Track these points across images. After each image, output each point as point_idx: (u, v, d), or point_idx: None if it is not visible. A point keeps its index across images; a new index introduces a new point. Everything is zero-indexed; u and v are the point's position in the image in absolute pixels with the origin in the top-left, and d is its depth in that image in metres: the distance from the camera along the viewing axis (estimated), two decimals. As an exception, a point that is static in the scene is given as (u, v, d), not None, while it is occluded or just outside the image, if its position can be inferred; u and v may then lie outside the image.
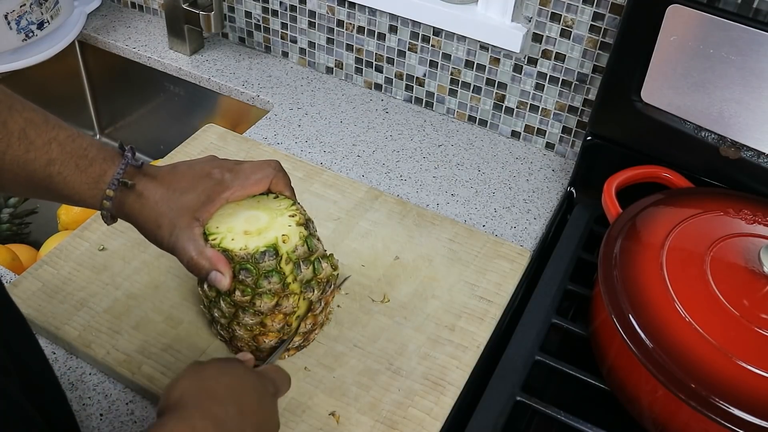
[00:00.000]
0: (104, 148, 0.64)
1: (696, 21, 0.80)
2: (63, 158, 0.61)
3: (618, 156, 0.93)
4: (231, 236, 0.66)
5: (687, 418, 0.67)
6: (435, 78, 1.12)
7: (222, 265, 0.64)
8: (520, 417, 0.75)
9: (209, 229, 0.67)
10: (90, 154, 0.63)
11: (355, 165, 1.04)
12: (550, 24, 0.99)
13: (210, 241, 0.66)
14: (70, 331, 0.76)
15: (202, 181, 0.66)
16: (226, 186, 0.67)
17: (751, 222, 0.79)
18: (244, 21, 1.24)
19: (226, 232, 0.67)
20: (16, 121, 0.60)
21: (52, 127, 0.62)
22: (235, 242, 0.66)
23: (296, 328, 0.72)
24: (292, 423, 0.70)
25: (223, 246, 0.65)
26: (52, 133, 0.61)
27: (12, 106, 0.61)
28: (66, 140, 0.62)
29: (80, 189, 0.63)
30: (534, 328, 0.81)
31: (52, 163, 0.61)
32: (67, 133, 0.63)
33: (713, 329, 0.68)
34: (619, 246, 0.77)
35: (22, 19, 1.13)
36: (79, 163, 0.62)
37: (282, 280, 0.67)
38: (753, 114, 0.82)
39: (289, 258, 0.67)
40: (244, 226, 0.67)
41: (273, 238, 0.66)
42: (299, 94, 1.17)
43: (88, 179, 0.63)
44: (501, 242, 0.90)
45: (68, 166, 0.62)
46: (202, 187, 0.66)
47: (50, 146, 0.61)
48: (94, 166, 0.63)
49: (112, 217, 0.65)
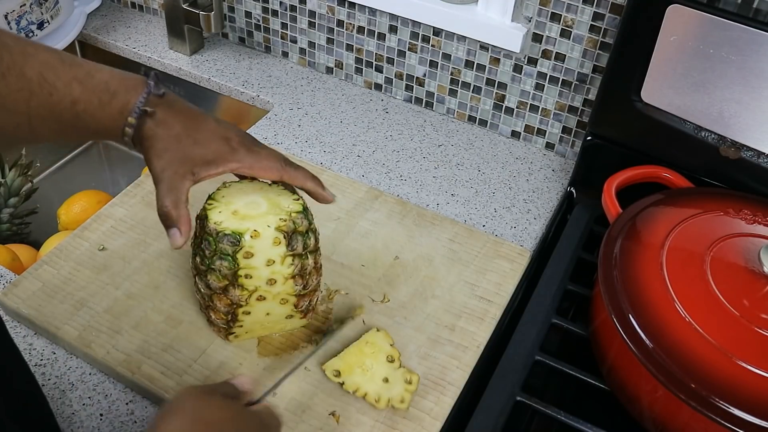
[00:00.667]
0: (126, 77, 0.64)
1: (696, 21, 0.80)
2: (86, 96, 0.62)
3: (618, 156, 0.93)
4: (221, 209, 0.68)
5: (687, 418, 0.67)
6: (435, 78, 1.12)
7: (185, 226, 0.64)
8: (520, 417, 0.75)
9: (214, 196, 0.70)
10: (111, 86, 0.63)
11: (355, 165, 1.04)
12: (550, 24, 0.99)
13: (206, 204, 0.69)
14: (70, 331, 0.76)
15: (217, 141, 0.66)
16: (238, 158, 0.67)
17: (751, 222, 0.79)
18: (244, 21, 1.24)
19: (222, 205, 0.69)
20: (33, 67, 0.60)
21: (69, 66, 0.62)
22: (219, 216, 0.68)
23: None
24: (292, 423, 0.70)
25: (208, 214, 0.68)
26: (71, 73, 0.61)
27: (25, 52, 0.61)
28: (86, 77, 0.62)
29: (106, 122, 0.63)
30: (534, 328, 0.81)
31: (77, 103, 0.61)
32: (86, 69, 0.63)
33: (713, 329, 0.68)
34: (619, 246, 0.77)
35: (22, 19, 1.13)
36: (102, 97, 0.62)
37: (233, 269, 0.68)
38: (753, 114, 0.82)
39: (249, 253, 0.67)
40: (240, 207, 0.69)
41: (245, 228, 0.67)
42: (299, 94, 1.17)
43: (112, 112, 0.63)
44: (501, 242, 0.90)
45: (92, 103, 0.62)
46: (214, 147, 0.66)
47: (72, 86, 0.61)
48: (118, 98, 0.63)
49: (134, 143, 0.65)
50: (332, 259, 0.86)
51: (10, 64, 0.59)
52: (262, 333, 0.76)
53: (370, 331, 0.77)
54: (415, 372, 0.74)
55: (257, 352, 0.76)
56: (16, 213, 1.15)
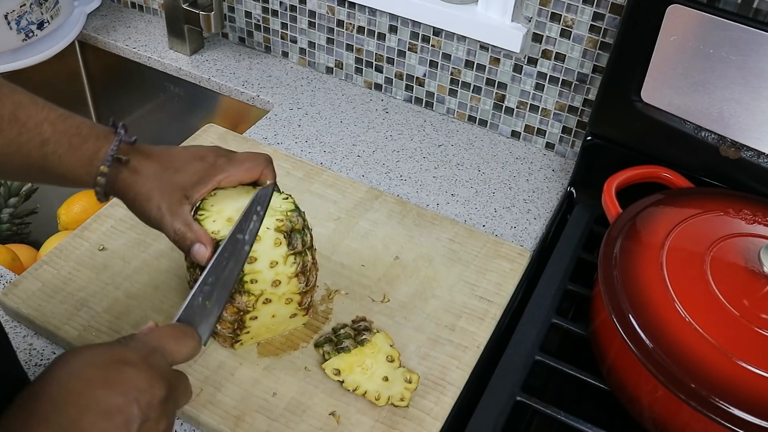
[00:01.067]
0: (96, 126, 0.65)
1: (696, 21, 0.80)
2: (56, 138, 0.61)
3: (618, 156, 0.93)
4: (214, 218, 0.68)
5: (687, 418, 0.67)
6: (435, 78, 1.12)
7: (205, 239, 0.65)
8: (520, 417, 0.75)
9: (204, 206, 0.69)
10: (83, 132, 0.63)
11: (355, 165, 1.04)
12: (550, 24, 0.99)
13: (197, 216, 0.68)
14: (70, 331, 0.76)
15: (195, 163, 0.68)
16: (220, 169, 0.68)
17: (751, 222, 0.79)
18: (244, 21, 1.24)
19: (214, 213, 0.68)
20: (5, 105, 0.60)
21: (41, 107, 0.62)
22: (214, 225, 0.67)
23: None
24: (292, 423, 0.70)
25: (203, 224, 0.67)
26: (42, 114, 0.62)
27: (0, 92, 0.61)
28: (57, 120, 0.62)
29: (75, 167, 0.63)
30: (534, 328, 0.81)
31: (46, 143, 0.61)
32: (58, 113, 0.63)
33: (713, 329, 0.68)
34: (619, 246, 0.77)
35: (22, 19, 1.13)
36: (72, 141, 0.62)
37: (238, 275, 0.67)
38: (753, 114, 0.82)
39: (252, 258, 0.67)
40: (233, 213, 0.68)
41: (261, 234, 0.67)
42: (299, 94, 1.17)
43: (82, 157, 0.63)
44: (501, 242, 0.90)
45: (62, 145, 0.62)
46: (195, 168, 0.67)
47: (42, 127, 0.61)
48: (88, 144, 0.63)
49: (105, 194, 0.65)
50: (332, 259, 0.86)
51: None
52: (266, 336, 0.76)
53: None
54: (414, 371, 0.74)
55: (257, 352, 0.76)
56: (16, 213, 1.15)
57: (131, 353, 0.49)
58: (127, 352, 0.49)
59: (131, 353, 0.49)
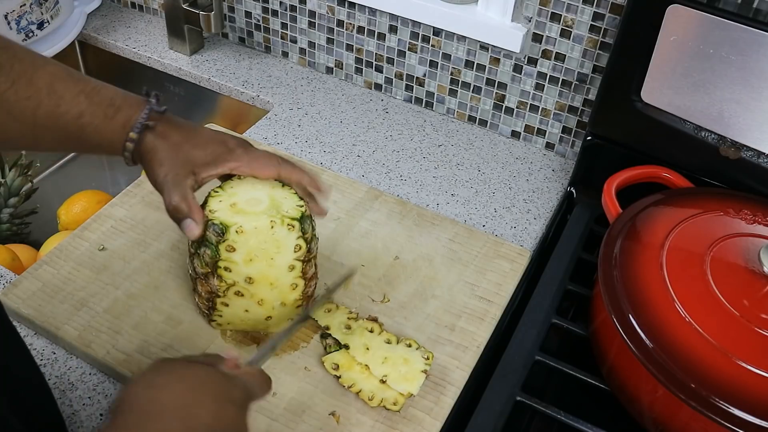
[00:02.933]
0: (129, 95, 0.67)
1: (696, 21, 0.80)
2: (92, 109, 0.64)
3: (618, 156, 0.93)
4: (222, 199, 0.70)
5: (687, 418, 0.67)
6: (435, 78, 1.12)
7: (198, 215, 0.67)
8: (520, 417, 0.75)
9: (223, 185, 0.71)
10: (116, 102, 0.65)
11: (355, 165, 1.04)
12: (550, 24, 0.99)
13: (211, 191, 0.70)
14: (70, 331, 0.76)
15: (215, 145, 0.69)
16: (236, 157, 0.70)
17: (751, 222, 0.79)
18: (244, 21, 1.24)
19: (225, 195, 0.70)
20: (42, 77, 0.62)
21: (76, 80, 0.64)
22: (217, 204, 0.69)
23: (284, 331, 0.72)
24: (292, 423, 0.70)
25: (208, 201, 0.70)
26: (78, 86, 0.64)
27: (35, 63, 0.63)
28: (92, 91, 0.64)
29: (110, 136, 0.65)
30: (534, 328, 0.81)
31: (83, 115, 0.64)
32: (92, 85, 0.65)
33: (713, 329, 0.68)
34: (619, 246, 0.77)
35: (22, 19, 1.13)
36: (107, 112, 0.65)
37: (214, 258, 0.69)
38: (753, 114, 0.82)
39: (231, 247, 0.68)
40: (240, 201, 0.70)
41: (233, 222, 0.68)
42: (299, 94, 1.17)
43: (116, 126, 0.65)
44: (501, 242, 0.90)
45: (97, 116, 0.64)
46: (212, 149, 0.69)
47: (79, 98, 0.63)
48: (121, 113, 0.65)
49: (133, 159, 0.67)
50: (332, 259, 0.86)
51: (20, 72, 0.61)
52: (243, 328, 0.77)
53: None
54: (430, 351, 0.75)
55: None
56: (16, 213, 1.15)
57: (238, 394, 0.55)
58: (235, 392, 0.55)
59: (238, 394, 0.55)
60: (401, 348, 0.75)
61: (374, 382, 0.72)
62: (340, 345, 0.75)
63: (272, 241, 0.69)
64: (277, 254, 0.70)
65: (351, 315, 0.78)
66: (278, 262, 0.70)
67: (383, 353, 0.74)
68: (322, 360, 0.74)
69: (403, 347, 0.75)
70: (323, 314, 0.78)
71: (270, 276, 0.70)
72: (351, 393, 0.72)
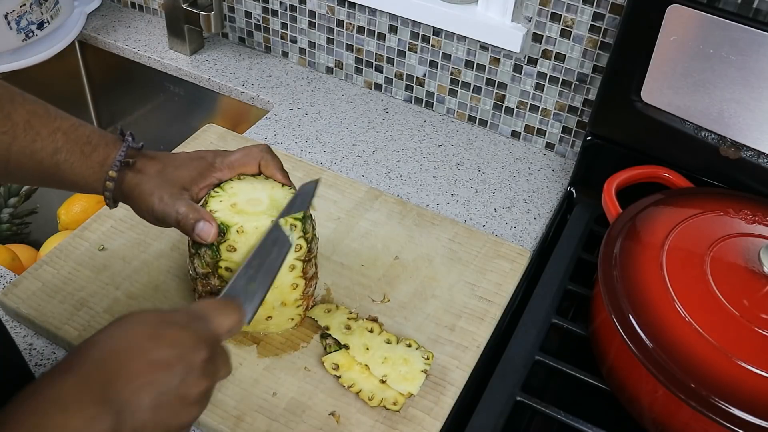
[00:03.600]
0: (105, 134, 0.68)
1: (696, 21, 0.80)
2: (68, 146, 0.64)
3: (618, 156, 0.93)
4: (222, 199, 0.70)
5: (687, 418, 0.67)
6: (435, 78, 1.12)
7: (208, 217, 0.67)
8: (520, 417, 0.75)
9: (223, 186, 0.71)
10: (93, 140, 0.66)
11: (355, 165, 1.04)
12: (550, 24, 0.99)
13: (212, 191, 0.71)
14: (70, 331, 0.76)
15: (194, 162, 0.71)
16: (217, 168, 0.71)
17: (751, 222, 0.79)
18: (244, 21, 1.24)
19: (226, 195, 0.71)
20: (20, 113, 0.63)
21: (54, 117, 0.65)
22: (218, 205, 0.70)
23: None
24: (292, 423, 0.70)
25: (208, 201, 0.70)
26: (56, 123, 0.64)
27: (14, 99, 0.63)
28: (69, 129, 0.65)
29: (86, 174, 0.65)
30: (534, 328, 0.81)
31: (59, 152, 0.64)
32: (70, 122, 0.65)
33: (713, 329, 0.68)
34: (619, 246, 0.77)
35: (22, 19, 1.13)
36: (84, 149, 0.65)
37: (215, 258, 0.69)
38: (753, 114, 0.82)
39: (232, 247, 0.68)
40: (241, 201, 0.70)
41: (234, 222, 0.68)
42: (299, 94, 1.17)
43: (92, 164, 0.65)
44: (501, 242, 0.90)
45: (74, 153, 0.64)
46: (194, 165, 0.70)
47: (55, 135, 0.64)
48: (98, 151, 0.66)
49: (114, 199, 0.68)
50: (332, 259, 0.86)
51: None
52: (243, 328, 0.76)
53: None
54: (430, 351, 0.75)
55: (257, 352, 0.76)
56: (16, 213, 1.15)
57: (178, 316, 0.52)
58: (174, 315, 0.52)
59: (178, 316, 0.52)
60: (401, 348, 0.75)
61: (374, 382, 0.72)
62: (340, 345, 0.75)
63: None
64: None
65: (351, 315, 0.78)
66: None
67: (383, 353, 0.74)
68: (322, 360, 0.74)
69: (403, 347, 0.75)
70: (323, 314, 0.78)
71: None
72: (351, 393, 0.72)
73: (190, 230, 0.67)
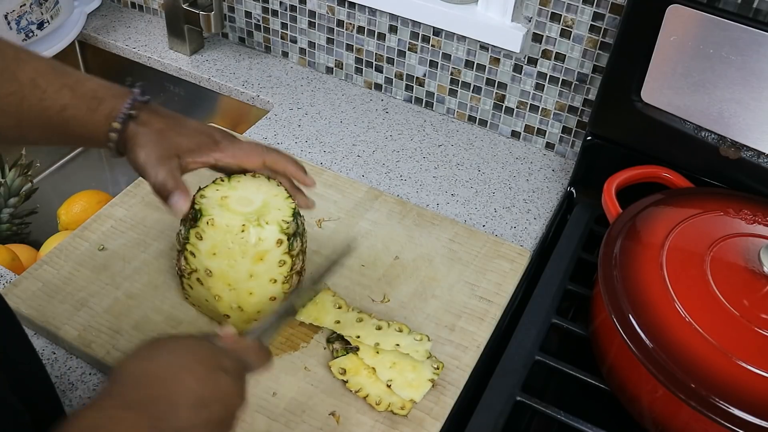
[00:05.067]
0: (113, 86, 0.67)
1: (696, 21, 0.80)
2: (75, 102, 0.64)
3: (618, 156, 0.93)
4: (219, 188, 0.71)
5: (687, 418, 0.67)
6: (435, 78, 1.12)
7: (184, 190, 0.66)
8: (520, 417, 0.75)
9: (229, 177, 0.72)
10: (99, 94, 0.66)
11: (355, 165, 1.04)
12: (550, 24, 0.99)
13: (217, 179, 0.72)
14: (70, 331, 0.76)
15: (199, 135, 0.70)
16: (220, 148, 0.71)
17: (751, 222, 0.79)
18: (244, 21, 1.24)
19: (224, 187, 0.71)
20: (26, 72, 0.63)
21: (60, 73, 0.65)
22: (212, 192, 0.70)
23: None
24: (292, 423, 0.70)
25: (207, 186, 0.71)
26: (62, 80, 0.64)
27: (18, 57, 0.63)
28: (76, 84, 0.65)
29: (92, 128, 0.66)
30: (534, 328, 0.81)
31: (66, 108, 0.64)
32: (76, 78, 0.65)
33: (713, 329, 0.68)
34: (619, 246, 0.77)
35: (22, 19, 1.13)
36: (90, 104, 0.65)
37: (185, 239, 0.70)
38: (753, 114, 0.82)
39: (199, 235, 0.69)
40: (233, 196, 0.70)
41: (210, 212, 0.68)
42: (299, 94, 1.17)
43: (99, 117, 0.65)
44: (501, 242, 0.90)
45: (81, 108, 0.65)
46: (197, 139, 0.70)
47: (62, 92, 0.64)
48: (105, 104, 0.65)
49: (118, 150, 0.67)
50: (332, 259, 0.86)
51: (2, 67, 0.62)
52: (210, 315, 0.78)
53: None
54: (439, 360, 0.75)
55: (257, 352, 0.76)
56: (16, 213, 1.15)
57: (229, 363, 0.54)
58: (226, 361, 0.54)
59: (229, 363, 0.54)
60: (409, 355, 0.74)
61: (381, 386, 0.72)
62: (348, 350, 0.75)
63: (240, 244, 0.68)
64: (241, 259, 0.69)
65: (360, 315, 0.78)
66: (240, 267, 0.69)
67: (392, 358, 0.74)
68: (329, 365, 0.74)
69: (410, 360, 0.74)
70: (333, 309, 0.78)
71: (229, 277, 0.70)
72: (351, 393, 0.72)
73: (164, 198, 0.66)
